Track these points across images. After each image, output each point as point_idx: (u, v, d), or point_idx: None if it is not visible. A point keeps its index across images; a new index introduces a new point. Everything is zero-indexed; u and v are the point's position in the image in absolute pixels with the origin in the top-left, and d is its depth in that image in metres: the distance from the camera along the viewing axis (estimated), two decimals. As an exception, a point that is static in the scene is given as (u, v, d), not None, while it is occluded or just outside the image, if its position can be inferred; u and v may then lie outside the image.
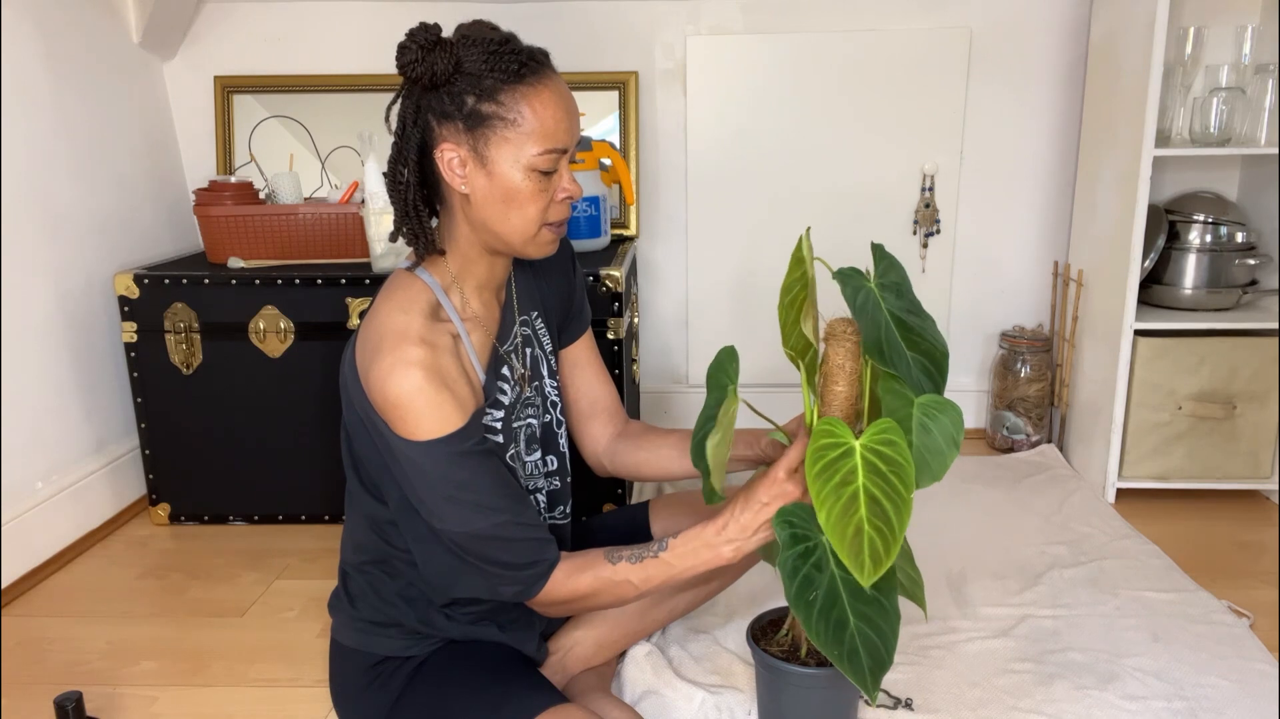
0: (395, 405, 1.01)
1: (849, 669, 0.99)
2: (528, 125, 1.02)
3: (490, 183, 1.05)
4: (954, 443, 0.99)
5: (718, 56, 2.33)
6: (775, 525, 1.04)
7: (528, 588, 1.09)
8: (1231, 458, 2.05)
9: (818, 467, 0.96)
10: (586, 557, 1.11)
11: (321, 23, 2.34)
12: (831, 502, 0.95)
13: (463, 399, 1.04)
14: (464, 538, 1.05)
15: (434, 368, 1.01)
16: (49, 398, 1.91)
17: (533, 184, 1.05)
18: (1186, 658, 1.47)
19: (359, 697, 1.20)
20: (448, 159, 1.05)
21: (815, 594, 1.01)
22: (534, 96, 1.03)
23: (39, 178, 1.89)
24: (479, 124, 1.03)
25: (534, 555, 1.08)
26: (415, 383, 1.00)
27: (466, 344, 1.11)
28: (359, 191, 2.12)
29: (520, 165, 1.04)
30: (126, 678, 1.50)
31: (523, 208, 1.06)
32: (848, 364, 1.07)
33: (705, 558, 1.09)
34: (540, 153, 1.03)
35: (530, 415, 1.23)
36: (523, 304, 1.24)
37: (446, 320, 1.09)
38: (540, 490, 1.25)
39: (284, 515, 2.06)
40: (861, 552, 0.94)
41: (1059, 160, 2.36)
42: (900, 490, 0.95)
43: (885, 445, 0.96)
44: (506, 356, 1.18)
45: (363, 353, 1.05)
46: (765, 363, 2.45)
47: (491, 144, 1.03)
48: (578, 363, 1.35)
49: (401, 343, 1.01)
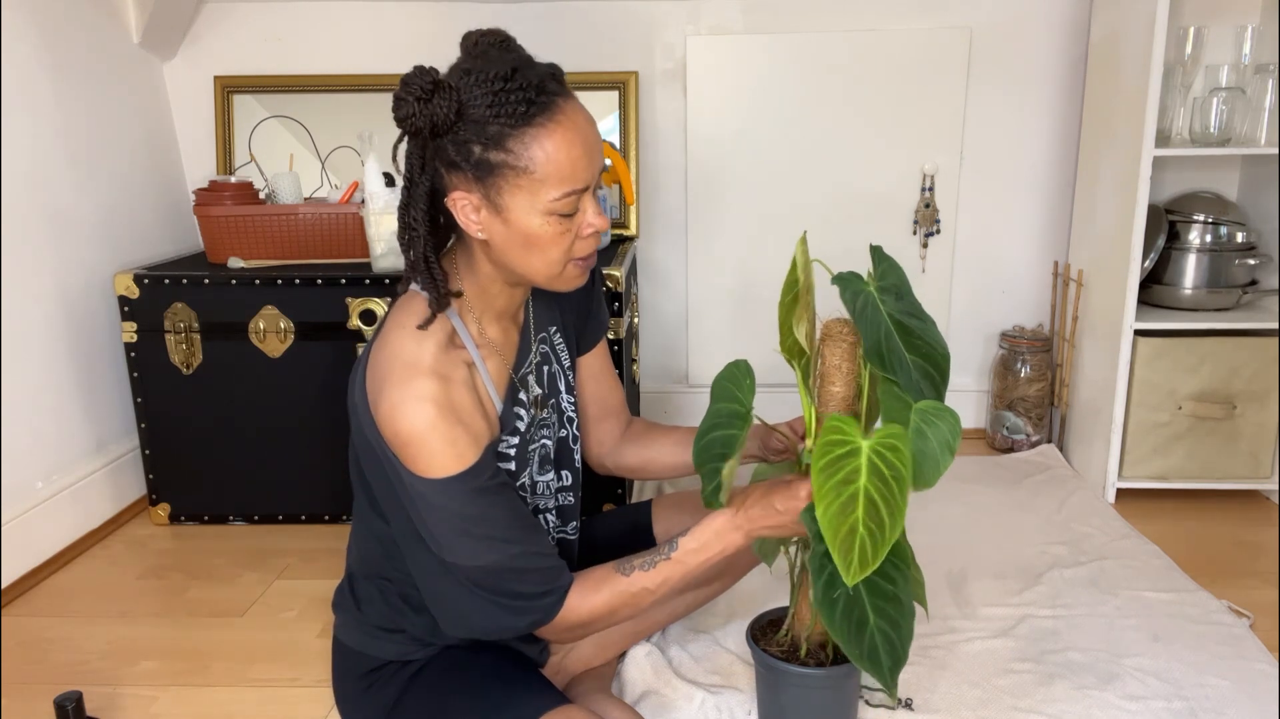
0: (407, 443, 0.97)
1: (870, 667, 0.99)
2: (541, 171, 0.96)
3: (508, 230, 0.99)
4: (949, 450, 0.99)
5: (718, 56, 2.33)
6: (805, 520, 1.03)
7: (544, 616, 1.07)
8: (1231, 458, 2.05)
9: (823, 462, 0.96)
10: (598, 574, 1.09)
11: (321, 23, 2.35)
12: (831, 498, 0.95)
13: (477, 433, 1.01)
14: (477, 572, 1.03)
15: (447, 403, 0.98)
16: (49, 398, 1.91)
17: (553, 228, 0.99)
18: (1186, 658, 1.47)
19: (360, 696, 1.20)
20: (460, 206, 1.00)
21: (839, 593, 1.01)
22: (545, 138, 0.95)
23: (39, 178, 1.89)
24: (489, 174, 0.97)
25: (548, 584, 1.06)
26: (428, 419, 0.96)
27: (483, 372, 1.08)
28: (359, 191, 2.12)
29: (538, 211, 0.98)
30: (126, 678, 1.50)
31: (545, 251, 1.01)
32: (844, 365, 1.07)
33: (717, 549, 1.08)
34: (558, 197, 0.97)
35: (545, 436, 1.20)
36: (540, 322, 1.20)
37: (461, 348, 1.05)
38: (550, 510, 1.23)
39: (284, 515, 2.06)
40: (852, 551, 0.95)
41: (1059, 160, 2.36)
42: (897, 496, 0.96)
43: (890, 450, 0.97)
44: (523, 382, 1.15)
45: (373, 380, 1.01)
46: (765, 362, 2.44)
47: (505, 193, 0.97)
48: (592, 369, 1.33)
49: (413, 375, 0.97)
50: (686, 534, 1.09)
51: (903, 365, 1.01)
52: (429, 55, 2.67)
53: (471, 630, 1.09)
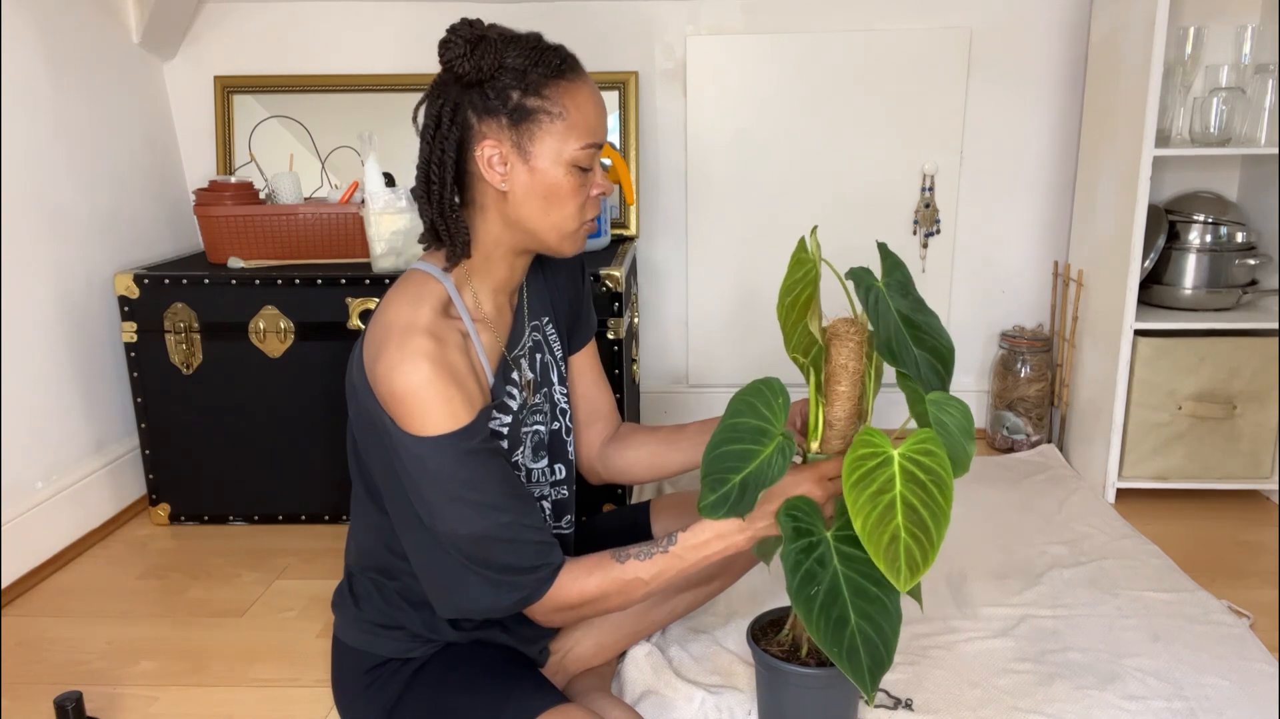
0: (402, 400, 0.99)
1: (848, 667, 0.99)
2: (570, 119, 1.03)
3: (531, 179, 1.05)
4: (969, 435, 1.00)
5: (718, 56, 2.33)
6: (779, 518, 1.03)
7: (533, 593, 1.06)
8: (1231, 458, 2.05)
9: (855, 475, 0.96)
10: (592, 558, 1.10)
11: (321, 23, 2.35)
12: (868, 510, 0.95)
13: (470, 395, 1.03)
14: (468, 541, 1.03)
15: (442, 361, 1.00)
16: (49, 398, 1.91)
17: (573, 180, 1.06)
18: (1186, 658, 1.47)
19: (360, 696, 1.20)
20: (488, 156, 1.04)
21: (817, 589, 1.01)
22: (575, 92, 1.04)
23: (39, 178, 1.89)
24: (524, 118, 1.03)
25: (539, 559, 1.06)
26: (423, 376, 0.98)
27: (476, 344, 1.09)
28: (359, 191, 2.12)
29: (562, 160, 1.04)
30: (126, 678, 1.50)
31: (562, 204, 1.06)
32: (851, 364, 1.07)
33: (718, 548, 1.08)
34: (582, 147, 1.04)
35: (538, 422, 1.21)
36: (534, 309, 1.22)
37: (456, 318, 1.08)
38: (546, 499, 1.24)
39: (284, 515, 2.06)
40: (898, 558, 0.94)
41: (1059, 160, 2.36)
42: (939, 499, 0.95)
43: (924, 455, 0.96)
44: (515, 362, 1.17)
45: (370, 347, 1.04)
46: (765, 361, 2.46)
47: (536, 139, 1.03)
48: (581, 370, 1.34)
49: (409, 335, 1.00)
50: (687, 529, 1.09)
51: (911, 359, 1.02)
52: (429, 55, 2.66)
53: (461, 608, 1.09)
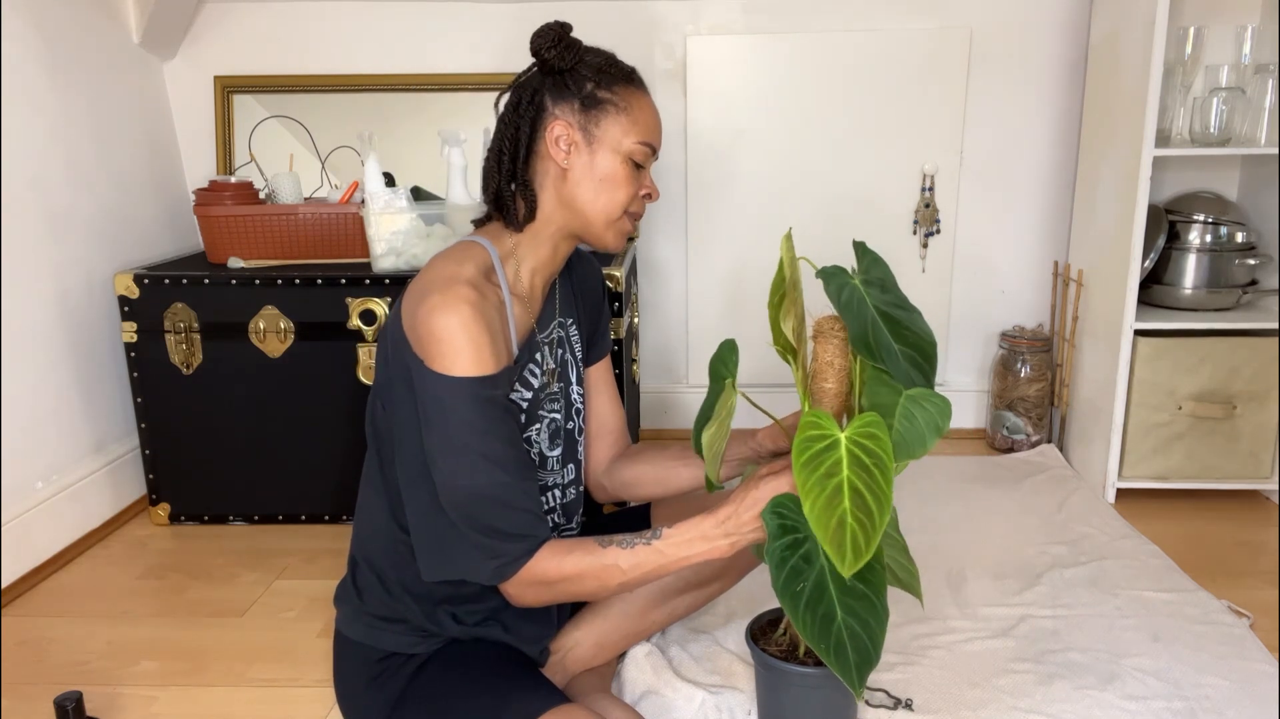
0: (438, 338, 1.04)
1: (835, 663, 0.99)
2: (634, 115, 1.15)
3: (591, 161, 1.14)
4: (937, 430, 1.00)
5: (718, 56, 2.33)
6: (765, 516, 1.03)
7: (511, 563, 1.07)
8: (1231, 458, 2.05)
9: (804, 457, 0.97)
10: (576, 540, 1.10)
11: (321, 23, 2.34)
12: (816, 493, 0.96)
13: (499, 350, 1.07)
14: (464, 494, 1.05)
15: (481, 310, 1.06)
16: (49, 398, 1.91)
17: (627, 170, 1.15)
18: (1186, 658, 1.47)
19: (361, 692, 1.20)
20: (555, 135, 1.14)
21: (803, 586, 1.02)
22: (640, 98, 1.17)
23: (39, 178, 1.89)
24: (594, 105, 1.14)
25: (526, 529, 1.07)
26: (462, 318, 1.04)
27: (509, 313, 1.15)
28: (359, 191, 2.12)
29: (621, 150, 1.14)
30: (126, 678, 1.50)
31: (614, 191, 1.15)
32: (836, 361, 1.08)
33: (700, 549, 1.08)
34: (639, 142, 1.14)
35: (555, 411, 1.25)
36: (564, 306, 1.28)
37: (496, 285, 1.14)
38: (555, 487, 1.26)
39: (284, 515, 2.06)
40: (844, 543, 0.95)
41: (1059, 160, 2.36)
42: (881, 484, 0.96)
43: (868, 439, 0.97)
44: (541, 345, 1.21)
45: (410, 298, 1.09)
46: (764, 362, 2.45)
47: (602, 124, 1.13)
48: (596, 386, 1.38)
49: (454, 284, 1.06)
50: (674, 527, 1.08)
51: (891, 355, 1.03)
52: (430, 55, 2.66)
53: (443, 569, 1.12)
